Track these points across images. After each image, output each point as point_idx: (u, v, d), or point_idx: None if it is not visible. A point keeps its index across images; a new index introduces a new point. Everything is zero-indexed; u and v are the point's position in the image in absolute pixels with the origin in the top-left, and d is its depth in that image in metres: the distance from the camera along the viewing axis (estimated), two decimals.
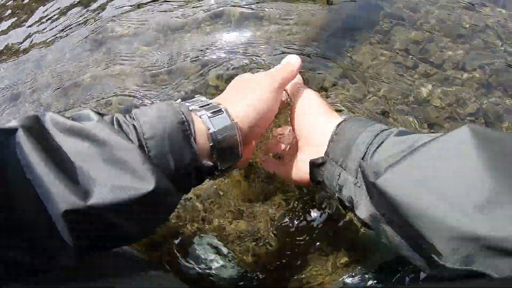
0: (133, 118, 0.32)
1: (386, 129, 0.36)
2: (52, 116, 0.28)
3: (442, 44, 0.82)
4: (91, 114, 0.30)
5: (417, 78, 0.77)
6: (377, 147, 0.34)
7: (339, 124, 0.39)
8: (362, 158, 0.34)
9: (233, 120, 0.36)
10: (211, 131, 0.34)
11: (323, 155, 0.39)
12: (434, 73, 0.77)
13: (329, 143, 0.38)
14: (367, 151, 0.34)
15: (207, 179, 0.39)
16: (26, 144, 0.24)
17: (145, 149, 0.30)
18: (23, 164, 0.24)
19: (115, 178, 0.27)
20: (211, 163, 0.35)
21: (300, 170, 0.43)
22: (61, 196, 0.24)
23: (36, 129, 0.26)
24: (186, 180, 0.34)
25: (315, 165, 0.39)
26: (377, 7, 0.94)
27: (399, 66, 0.80)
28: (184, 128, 0.32)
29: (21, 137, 0.24)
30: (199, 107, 0.36)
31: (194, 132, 0.33)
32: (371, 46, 0.84)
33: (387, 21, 0.89)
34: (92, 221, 0.26)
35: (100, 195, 0.25)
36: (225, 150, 0.36)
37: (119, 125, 0.30)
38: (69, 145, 0.27)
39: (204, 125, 0.34)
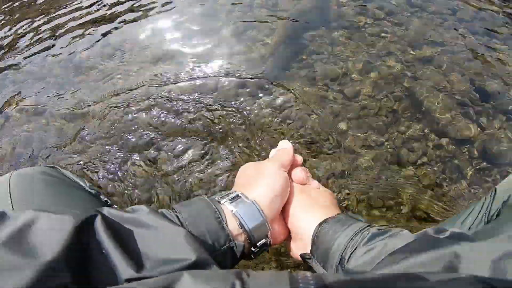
0: (175, 211, 0.39)
1: (360, 231, 0.40)
2: (108, 210, 0.36)
3: (355, 76, 0.93)
4: (143, 208, 0.38)
5: (336, 110, 0.87)
6: (351, 253, 0.38)
7: (320, 224, 0.43)
8: (339, 262, 0.39)
9: (250, 200, 0.42)
10: (234, 212, 0.40)
11: (308, 251, 0.43)
12: (349, 105, 0.87)
13: (312, 244, 0.42)
14: (342, 257, 0.39)
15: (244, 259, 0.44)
16: (101, 230, 0.32)
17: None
18: (99, 243, 0.32)
19: (164, 253, 0.33)
20: (243, 243, 0.40)
21: (294, 252, 0.47)
22: (123, 269, 0.31)
23: (105, 218, 0.34)
24: (222, 259, 0.39)
25: (304, 257, 0.44)
26: (301, 43, 1.03)
27: (322, 99, 0.90)
28: (217, 216, 0.39)
29: (98, 222, 0.33)
30: (220, 197, 0.43)
31: (226, 218, 0.40)
32: (297, 80, 0.92)
33: (310, 56, 0.98)
34: None
35: (152, 267, 0.32)
36: (254, 229, 0.41)
37: (165, 216, 0.38)
38: (129, 230, 0.34)
39: (229, 211, 0.41)
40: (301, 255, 0.44)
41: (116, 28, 1.21)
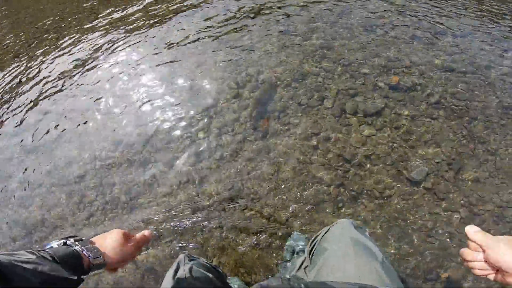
0: (48, 253, 0.62)
1: None
2: (5, 258, 0.55)
3: (284, 184, 2.04)
4: (27, 254, 0.58)
5: (284, 204, 1.96)
6: None
7: None
8: None
9: (97, 247, 0.70)
10: (88, 257, 0.67)
11: None
12: (285, 199, 1.97)
13: None
14: None
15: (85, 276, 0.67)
16: (19, 270, 0.54)
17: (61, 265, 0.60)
18: (20, 277, 0.54)
19: (60, 274, 0.59)
20: (89, 271, 0.66)
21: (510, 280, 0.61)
22: (35, 279, 0.55)
23: (10, 262, 0.54)
24: (80, 278, 0.64)
25: None
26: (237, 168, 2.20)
27: (275, 192, 2.00)
28: (76, 256, 0.65)
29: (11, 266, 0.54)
30: (79, 244, 0.68)
31: (82, 257, 0.66)
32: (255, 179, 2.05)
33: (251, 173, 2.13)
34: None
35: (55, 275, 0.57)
36: (96, 265, 0.67)
37: (44, 257, 0.60)
38: (28, 267, 0.56)
39: (84, 254, 0.67)
40: None
41: None
